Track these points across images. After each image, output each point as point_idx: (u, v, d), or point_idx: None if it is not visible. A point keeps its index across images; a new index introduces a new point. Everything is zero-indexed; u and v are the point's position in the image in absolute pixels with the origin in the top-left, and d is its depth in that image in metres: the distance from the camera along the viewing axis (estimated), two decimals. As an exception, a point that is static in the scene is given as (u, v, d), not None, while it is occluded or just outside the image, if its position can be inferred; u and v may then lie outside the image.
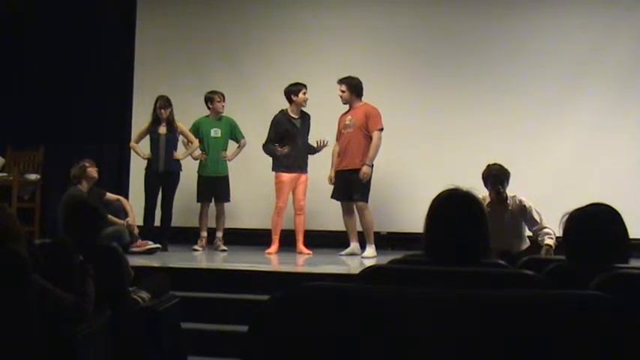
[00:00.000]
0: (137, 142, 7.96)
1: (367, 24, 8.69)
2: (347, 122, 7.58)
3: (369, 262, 6.77)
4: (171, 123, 7.92)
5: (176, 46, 9.02)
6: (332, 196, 7.67)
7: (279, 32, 8.90)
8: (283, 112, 7.85)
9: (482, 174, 6.18)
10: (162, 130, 7.92)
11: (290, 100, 7.80)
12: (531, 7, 8.46)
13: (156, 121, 7.91)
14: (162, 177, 7.92)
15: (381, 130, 7.47)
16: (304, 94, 7.76)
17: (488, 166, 6.25)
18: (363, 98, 7.62)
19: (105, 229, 5.79)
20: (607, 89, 8.22)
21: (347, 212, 7.61)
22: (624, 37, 8.28)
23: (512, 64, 8.40)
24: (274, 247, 7.74)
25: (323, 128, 7.83)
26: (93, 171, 7.46)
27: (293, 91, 7.77)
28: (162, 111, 7.87)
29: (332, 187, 7.68)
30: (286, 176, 7.76)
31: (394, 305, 1.45)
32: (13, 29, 9.22)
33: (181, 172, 7.98)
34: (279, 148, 7.73)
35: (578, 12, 8.39)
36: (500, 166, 6.24)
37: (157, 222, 7.87)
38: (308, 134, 7.89)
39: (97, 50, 9.15)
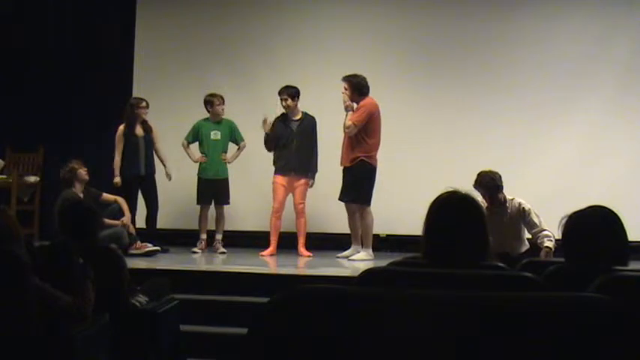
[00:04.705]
0: (122, 148, 7.88)
1: (368, 25, 8.70)
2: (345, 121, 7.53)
3: (363, 265, 6.72)
4: (145, 123, 7.93)
5: (176, 46, 9.01)
6: (338, 198, 7.61)
7: (279, 33, 8.89)
8: (281, 114, 7.86)
9: (474, 183, 6.13)
10: (140, 131, 7.91)
11: None
12: (532, 8, 8.46)
13: (132, 122, 7.88)
14: (144, 181, 7.92)
15: (357, 123, 7.29)
16: (284, 100, 7.73)
17: (479, 175, 6.21)
18: None
19: (101, 229, 5.77)
20: (607, 90, 8.23)
21: (350, 214, 7.58)
22: (624, 37, 8.29)
23: (512, 65, 8.41)
24: (269, 250, 7.73)
25: (324, 129, 7.82)
26: (83, 172, 7.42)
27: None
28: (144, 111, 7.87)
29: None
30: (280, 178, 7.76)
31: (393, 307, 1.45)
32: (12, 29, 9.22)
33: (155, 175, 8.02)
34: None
35: (579, 12, 8.41)
36: (490, 176, 6.18)
37: (142, 224, 7.87)
38: (311, 137, 7.83)
39: (96, 50, 9.14)
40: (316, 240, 8.10)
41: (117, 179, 7.85)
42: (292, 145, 7.77)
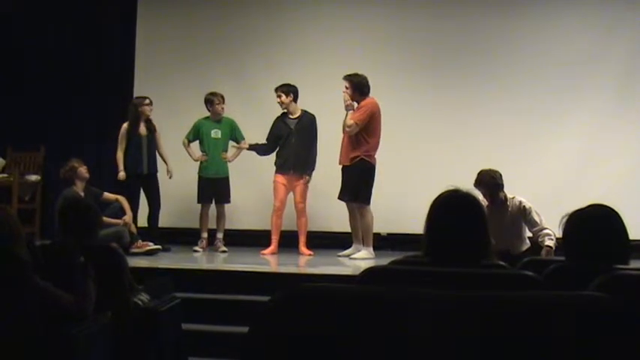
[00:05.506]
0: (125, 147, 7.88)
1: (367, 26, 8.69)
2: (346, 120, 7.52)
3: (364, 264, 6.73)
4: (150, 122, 7.93)
5: (176, 46, 9.02)
6: (338, 197, 7.61)
7: (279, 33, 8.89)
8: (281, 114, 7.87)
9: (475, 182, 6.12)
10: (143, 130, 7.92)
11: None
12: (531, 8, 8.46)
13: (136, 121, 7.89)
14: (146, 179, 7.92)
15: (359, 122, 7.27)
16: (278, 96, 7.75)
17: (479, 173, 6.20)
18: None
19: (102, 228, 5.77)
20: (607, 90, 8.23)
21: (351, 213, 7.57)
22: (624, 38, 8.28)
23: (512, 65, 8.40)
24: (270, 249, 7.74)
25: (324, 128, 7.82)
26: (83, 170, 7.43)
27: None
28: (149, 108, 7.88)
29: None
30: (280, 177, 7.77)
31: (394, 306, 1.46)
32: (13, 29, 9.22)
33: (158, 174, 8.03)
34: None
35: (578, 13, 8.40)
36: (491, 175, 6.16)
37: (143, 223, 7.87)
38: (310, 135, 7.83)
39: (97, 50, 9.15)
40: (317, 239, 8.11)
41: (121, 173, 7.85)
42: (291, 143, 7.78)
